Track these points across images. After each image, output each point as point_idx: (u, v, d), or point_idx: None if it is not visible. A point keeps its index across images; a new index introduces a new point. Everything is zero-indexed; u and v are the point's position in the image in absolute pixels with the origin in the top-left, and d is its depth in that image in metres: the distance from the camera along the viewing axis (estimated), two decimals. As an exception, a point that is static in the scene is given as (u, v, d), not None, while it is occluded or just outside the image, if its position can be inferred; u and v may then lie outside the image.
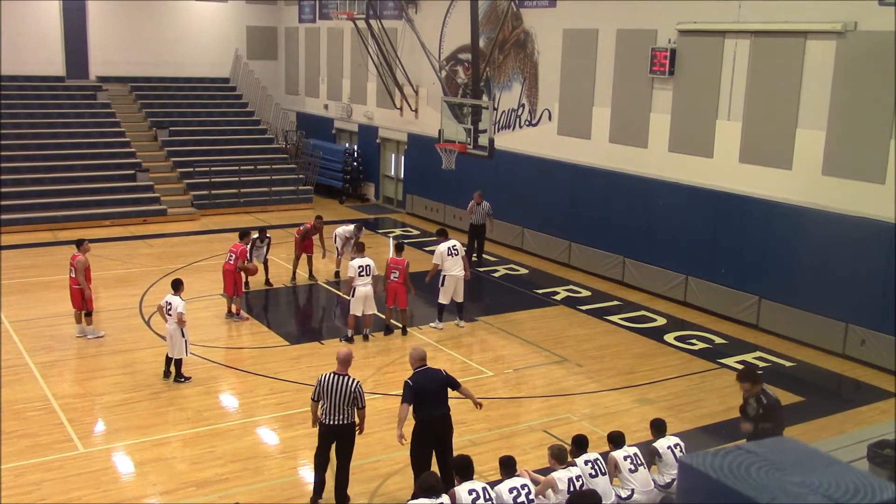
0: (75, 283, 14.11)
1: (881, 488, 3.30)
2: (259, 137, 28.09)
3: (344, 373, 9.09)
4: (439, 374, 9.24)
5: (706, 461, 3.50)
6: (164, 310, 12.63)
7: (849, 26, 13.91)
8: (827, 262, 14.46)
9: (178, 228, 22.72)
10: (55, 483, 9.62)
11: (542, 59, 20.26)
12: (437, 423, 9.08)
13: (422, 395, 8.99)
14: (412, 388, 8.98)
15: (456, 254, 14.94)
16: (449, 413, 9.19)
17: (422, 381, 9.07)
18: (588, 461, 8.30)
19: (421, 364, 9.23)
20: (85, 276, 14.00)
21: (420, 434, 9.10)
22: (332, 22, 28.20)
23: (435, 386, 9.10)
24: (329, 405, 8.99)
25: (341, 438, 9.15)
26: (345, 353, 9.35)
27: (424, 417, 9.03)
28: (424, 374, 9.17)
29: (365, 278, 14.25)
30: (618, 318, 16.14)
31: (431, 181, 23.81)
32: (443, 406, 9.13)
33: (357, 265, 14.28)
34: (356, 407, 9.08)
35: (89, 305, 14.23)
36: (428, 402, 9.02)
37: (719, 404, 12.30)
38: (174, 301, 12.51)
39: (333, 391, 8.95)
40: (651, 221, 17.54)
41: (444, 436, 9.18)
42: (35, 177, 23.38)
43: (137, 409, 11.63)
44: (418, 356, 9.29)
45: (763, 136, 15.45)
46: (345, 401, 8.96)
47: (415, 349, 9.47)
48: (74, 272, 14.08)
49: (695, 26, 16.41)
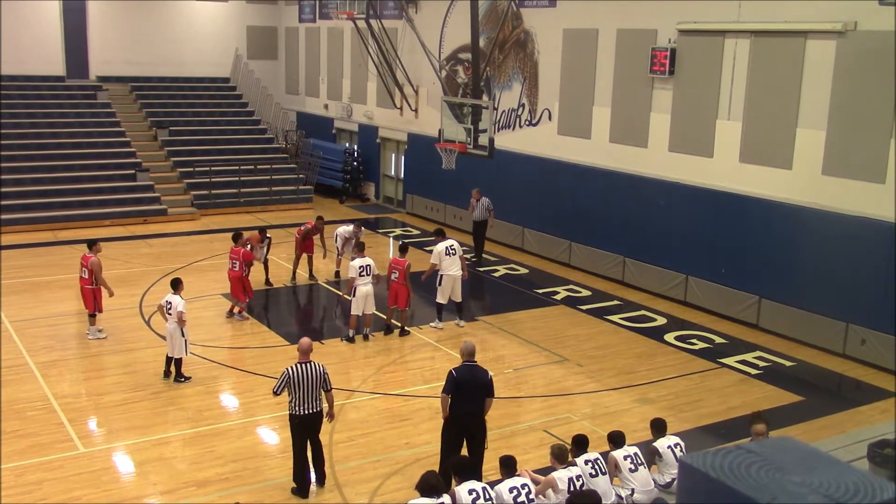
0: (87, 284, 14.07)
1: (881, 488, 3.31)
2: (259, 137, 28.10)
3: (308, 360, 9.30)
4: (485, 376, 9.31)
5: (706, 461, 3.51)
6: (164, 309, 12.64)
7: (849, 26, 13.91)
8: (827, 262, 14.46)
9: (179, 228, 22.72)
10: (55, 483, 9.62)
11: (542, 58, 20.26)
12: (470, 418, 9.19)
13: (461, 388, 9.10)
14: (455, 379, 9.10)
15: (454, 253, 14.95)
16: (482, 410, 9.29)
17: (465, 375, 9.16)
18: (588, 461, 8.31)
19: (469, 359, 9.32)
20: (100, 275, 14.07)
21: (452, 427, 9.23)
22: (333, 22, 28.21)
23: (476, 384, 9.19)
24: (302, 395, 9.17)
25: (314, 427, 9.42)
26: (307, 342, 9.54)
27: (459, 412, 9.14)
28: (470, 369, 9.25)
29: (366, 278, 14.29)
30: (618, 317, 16.14)
31: (431, 181, 23.81)
32: (478, 404, 9.21)
33: (358, 265, 14.32)
34: (325, 390, 9.33)
35: (99, 307, 14.23)
36: (466, 396, 9.12)
37: (719, 404, 12.30)
38: (174, 300, 12.52)
39: (305, 379, 9.15)
40: (651, 221, 17.54)
41: (477, 433, 9.27)
42: (35, 177, 23.38)
43: (137, 409, 11.64)
44: (468, 350, 9.39)
45: (763, 136, 15.45)
46: (316, 386, 9.21)
47: (466, 342, 9.56)
48: (88, 273, 14.04)
49: (695, 26, 16.41)
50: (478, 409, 9.22)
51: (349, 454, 10.49)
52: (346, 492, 9.62)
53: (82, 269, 14.17)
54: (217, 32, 30.26)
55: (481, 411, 9.26)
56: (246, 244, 15.87)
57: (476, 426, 9.25)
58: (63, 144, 24.67)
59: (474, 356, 9.41)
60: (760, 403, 12.17)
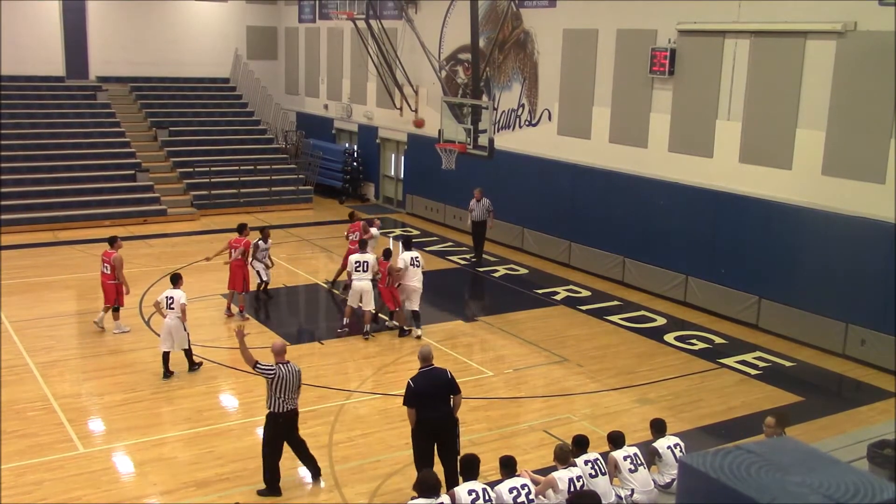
0: (109, 280, 14.40)
1: (881, 488, 3.31)
2: (259, 137, 28.10)
3: (285, 361, 9.39)
4: (444, 375, 9.22)
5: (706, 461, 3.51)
6: (162, 305, 12.73)
7: (849, 26, 13.91)
8: (827, 262, 14.46)
9: (178, 228, 22.72)
10: (55, 483, 9.62)
11: (542, 59, 20.26)
12: (436, 424, 9.10)
13: (422, 396, 9.04)
14: (413, 390, 9.05)
15: (418, 265, 14.99)
16: (449, 413, 9.19)
17: (423, 382, 9.09)
18: (588, 461, 8.30)
19: (426, 364, 9.27)
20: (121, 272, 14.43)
21: (419, 433, 9.16)
22: (332, 22, 28.21)
23: (436, 387, 9.11)
24: (287, 393, 9.28)
25: (295, 423, 9.53)
26: (280, 343, 9.67)
27: (422, 418, 9.09)
28: (428, 374, 9.18)
29: (361, 274, 14.53)
30: (618, 318, 16.14)
31: (431, 181, 23.81)
32: (443, 407, 9.13)
33: (354, 261, 14.67)
34: (298, 387, 9.45)
35: (121, 301, 14.53)
36: (428, 403, 9.05)
37: (719, 404, 12.30)
38: (176, 294, 12.70)
39: (289, 379, 9.25)
40: (651, 221, 17.54)
41: (444, 435, 9.17)
42: (35, 177, 23.38)
43: (137, 409, 11.64)
44: (423, 356, 9.34)
45: (763, 136, 15.45)
46: (296, 385, 9.35)
47: (422, 348, 9.52)
48: (110, 269, 14.35)
49: (695, 26, 16.41)
50: (443, 413, 9.11)
51: (349, 454, 10.49)
52: (345, 492, 9.62)
53: (104, 265, 14.47)
54: (217, 32, 30.27)
55: (447, 414, 9.15)
56: (247, 235, 15.87)
57: (443, 429, 9.13)
58: (63, 144, 24.67)
59: (431, 361, 9.30)
60: (761, 404, 12.19)
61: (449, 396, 9.17)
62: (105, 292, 14.52)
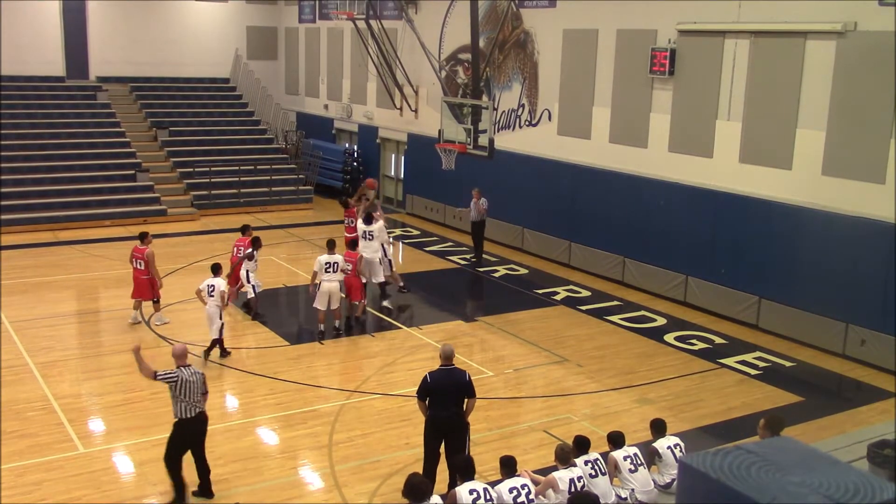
0: (143, 275, 14.60)
1: (881, 488, 3.31)
2: (259, 137, 28.10)
3: (186, 364, 9.29)
4: (462, 377, 9.22)
5: (706, 461, 3.51)
6: (204, 293, 13.14)
7: (849, 26, 13.91)
8: (827, 262, 14.46)
9: (178, 228, 22.71)
10: (55, 483, 9.62)
11: (542, 59, 20.26)
12: (443, 423, 9.12)
13: (434, 393, 9.09)
14: (427, 384, 9.09)
15: (370, 238, 15.63)
16: (458, 414, 9.20)
17: (440, 379, 9.12)
18: (588, 461, 8.30)
19: (447, 363, 9.27)
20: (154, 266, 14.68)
21: (428, 430, 9.21)
22: (332, 22, 28.21)
23: (451, 387, 9.14)
24: (190, 398, 9.09)
25: (199, 429, 9.29)
26: (180, 347, 9.55)
27: (431, 415, 9.13)
28: (447, 373, 9.20)
29: (331, 274, 14.57)
30: (618, 318, 16.14)
31: (431, 181, 23.81)
32: (453, 408, 9.14)
33: (324, 261, 14.64)
34: (204, 393, 9.29)
35: (157, 294, 14.76)
36: (439, 401, 9.10)
37: (719, 404, 12.30)
38: (217, 282, 13.13)
39: (192, 381, 9.09)
40: (651, 221, 17.54)
41: (451, 435, 9.19)
42: (35, 177, 23.36)
43: (137, 409, 11.63)
44: (445, 354, 9.32)
45: (763, 136, 15.45)
46: (199, 390, 9.17)
47: (445, 346, 9.49)
48: (144, 264, 14.56)
49: (695, 26, 16.41)
50: (452, 414, 9.13)
51: (349, 454, 10.49)
52: (345, 492, 9.62)
53: (136, 261, 14.65)
54: (217, 32, 30.27)
55: (457, 415, 9.16)
56: (251, 236, 15.84)
57: (450, 429, 9.15)
58: (63, 145, 24.65)
59: (452, 360, 9.30)
60: (761, 404, 12.19)
61: (462, 398, 9.19)
62: (138, 288, 14.69)
